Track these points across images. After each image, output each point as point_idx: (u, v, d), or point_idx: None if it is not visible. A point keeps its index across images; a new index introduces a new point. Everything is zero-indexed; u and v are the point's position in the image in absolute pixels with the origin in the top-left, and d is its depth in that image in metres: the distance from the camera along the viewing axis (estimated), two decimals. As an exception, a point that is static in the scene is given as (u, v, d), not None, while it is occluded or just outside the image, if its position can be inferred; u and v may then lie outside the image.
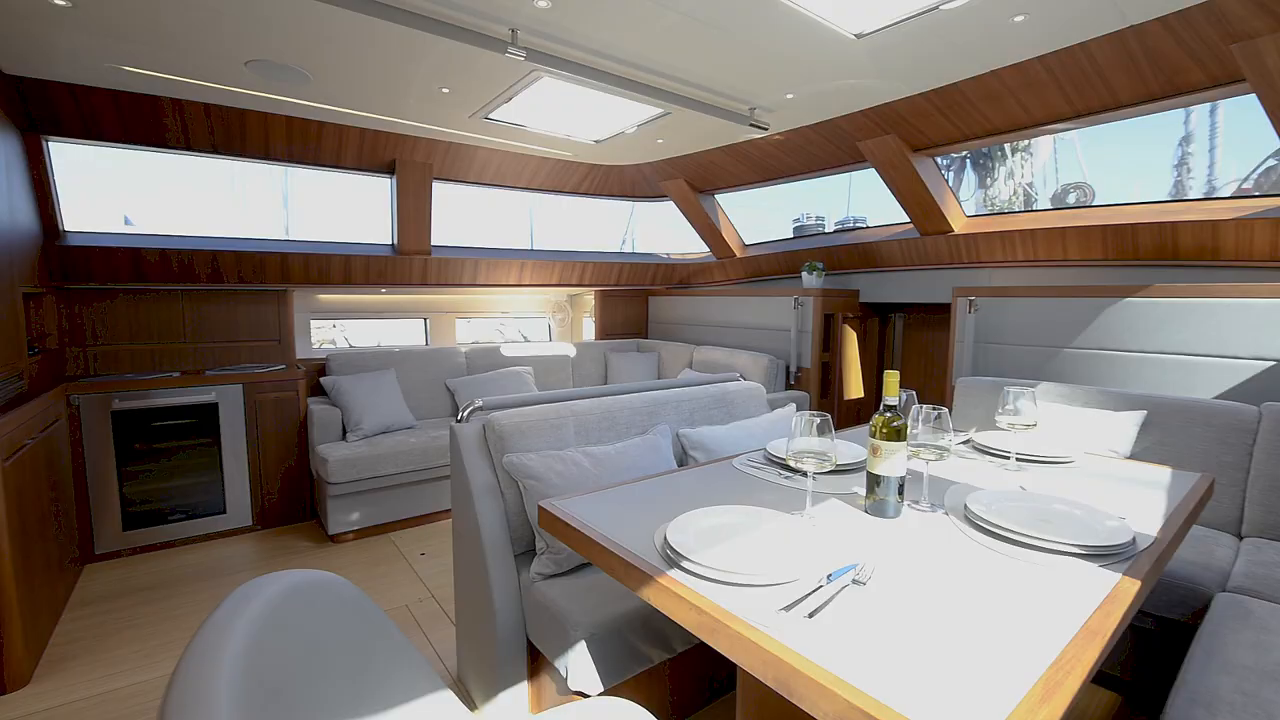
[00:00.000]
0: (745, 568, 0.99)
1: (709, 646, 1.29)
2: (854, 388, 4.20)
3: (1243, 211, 2.57)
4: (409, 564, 2.98)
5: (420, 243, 3.88)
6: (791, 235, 4.78)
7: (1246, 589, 1.71)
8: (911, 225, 3.68)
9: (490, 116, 3.08)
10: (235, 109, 2.96)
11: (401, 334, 4.94)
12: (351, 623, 1.00)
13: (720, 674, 1.92)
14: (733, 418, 2.37)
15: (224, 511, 3.29)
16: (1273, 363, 2.32)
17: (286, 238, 3.71)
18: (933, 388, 4.12)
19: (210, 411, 3.23)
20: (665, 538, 1.11)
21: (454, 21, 2.08)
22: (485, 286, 4.37)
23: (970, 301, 3.16)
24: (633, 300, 5.38)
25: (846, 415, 4.16)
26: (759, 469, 1.64)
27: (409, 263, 3.91)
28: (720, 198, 4.51)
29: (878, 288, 4.12)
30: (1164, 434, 2.29)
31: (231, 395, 3.28)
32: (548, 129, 3.31)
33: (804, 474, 1.32)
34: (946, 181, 3.57)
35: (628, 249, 5.39)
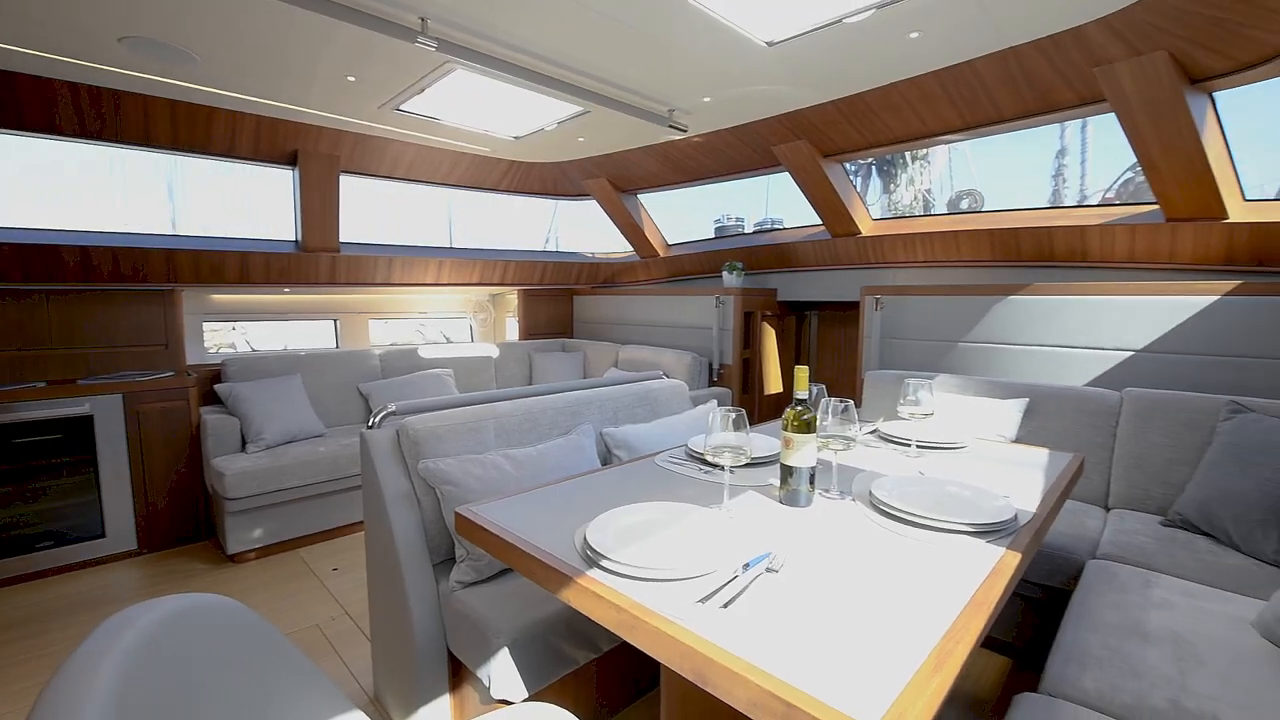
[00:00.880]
0: (663, 563, 1.00)
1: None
2: (774, 383, 4.36)
3: (1106, 218, 2.88)
4: (320, 581, 2.81)
5: (327, 239, 3.66)
6: (713, 235, 4.90)
7: (1112, 555, 1.91)
8: (823, 227, 3.86)
9: (401, 108, 2.95)
10: (109, 89, 2.67)
11: (311, 336, 4.65)
12: (245, 649, 0.93)
13: (646, 671, 1.93)
14: (656, 415, 2.39)
15: (103, 535, 2.97)
16: (1132, 353, 2.60)
17: (174, 232, 3.40)
18: (845, 381, 4.33)
19: (84, 425, 2.91)
20: (585, 538, 1.10)
21: (359, 7, 1.97)
22: (400, 286, 4.19)
23: (876, 300, 3.35)
24: (557, 300, 5.32)
25: (767, 409, 4.30)
26: (680, 465, 1.67)
27: (314, 260, 3.68)
28: (643, 197, 4.55)
29: (794, 287, 4.28)
30: (1043, 419, 2.53)
31: (109, 406, 2.96)
32: (464, 123, 3.22)
33: (722, 468, 1.35)
34: (854, 186, 3.76)
35: (551, 248, 5.34)
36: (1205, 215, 2.52)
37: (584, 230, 5.63)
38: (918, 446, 1.87)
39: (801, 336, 4.66)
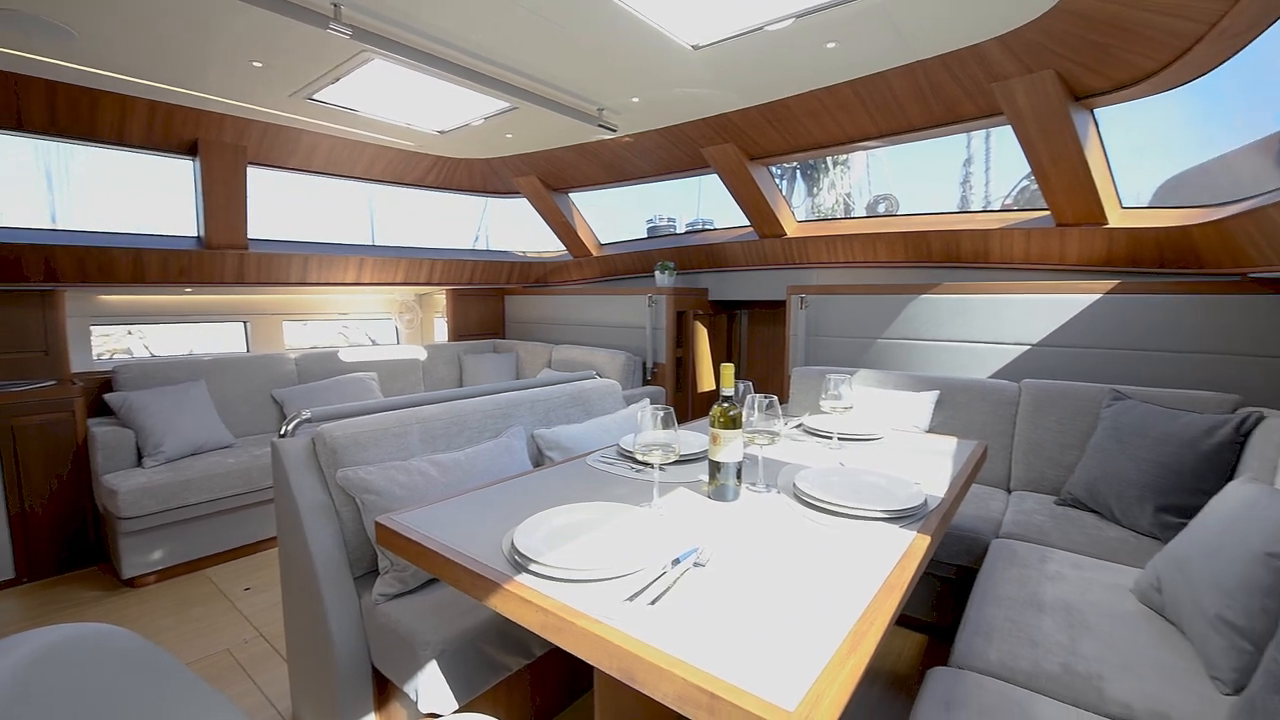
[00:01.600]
0: (592, 563, 0.99)
1: (564, 646, 1.28)
2: (707, 381, 4.44)
3: (1005, 223, 3.11)
4: (231, 603, 2.62)
5: (234, 236, 3.42)
6: (646, 235, 4.93)
7: (1013, 534, 2.07)
8: (752, 228, 3.96)
9: (315, 98, 2.80)
10: (-33, 66, 2.39)
11: (220, 340, 4.33)
12: (134, 683, 0.85)
13: (581, 673, 1.92)
14: (589, 415, 2.38)
15: (-30, 565, 2.65)
16: (1029, 347, 2.83)
17: (54, 227, 3.07)
18: (775, 378, 4.47)
19: (-57, 442, 2.58)
20: (512, 542, 1.08)
21: (263, -13, 1.85)
22: (317, 285, 3.97)
23: (801, 299, 3.48)
24: (488, 299, 5.20)
25: (700, 407, 4.38)
26: (611, 464, 1.67)
27: (220, 258, 3.43)
28: (575, 196, 4.52)
29: (725, 286, 4.38)
30: (953, 409, 2.70)
31: (-25, 421, 2.64)
32: (385, 115, 3.09)
33: (652, 466, 1.36)
34: (780, 189, 3.89)
35: (481, 246, 5.21)
36: (1089, 221, 2.77)
37: (515, 229, 5.53)
38: (839, 439, 1.95)
39: (733, 335, 4.77)
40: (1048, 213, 2.91)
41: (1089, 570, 1.71)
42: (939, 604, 2.21)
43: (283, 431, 1.77)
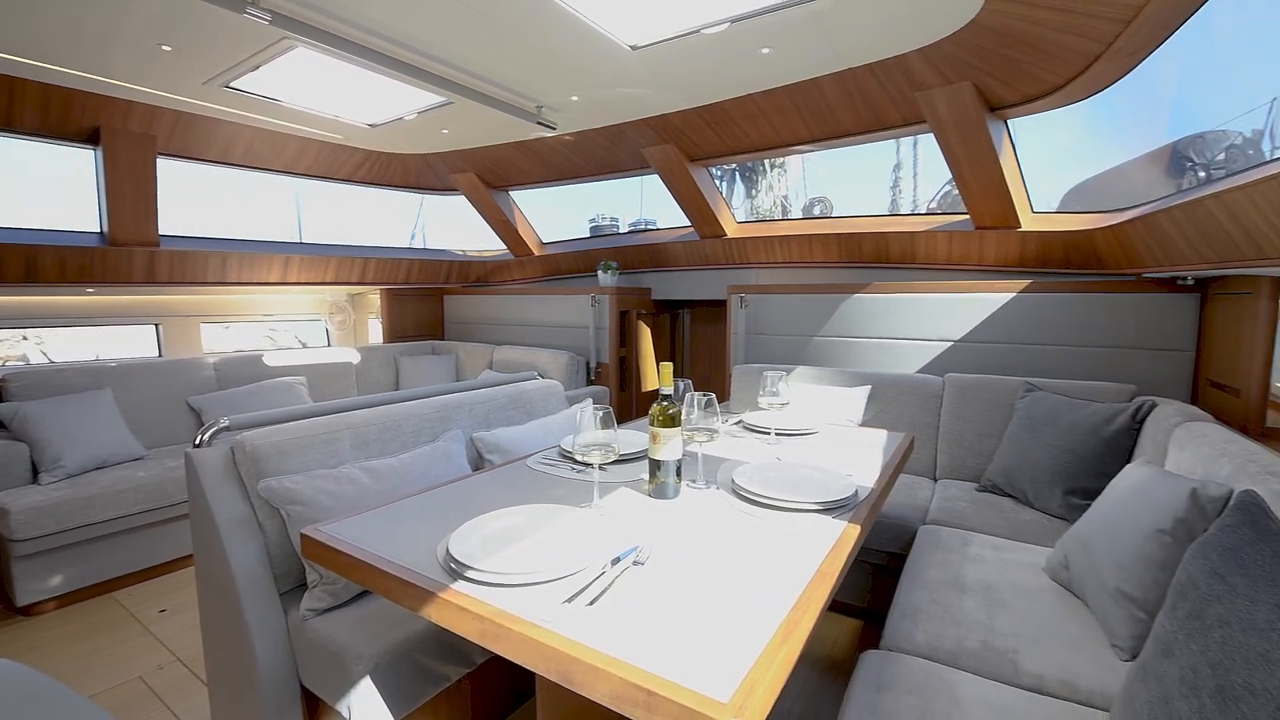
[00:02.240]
0: (530, 567, 0.98)
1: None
2: (651, 380, 4.46)
3: (930, 225, 3.27)
4: (144, 626, 2.43)
5: (142, 232, 3.17)
6: (589, 235, 4.91)
7: (939, 520, 2.18)
8: (693, 229, 4.01)
9: (233, 85, 2.64)
10: None
11: (132, 344, 4.01)
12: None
13: (525, 679, 1.89)
14: (531, 417, 2.35)
15: None
16: (952, 342, 2.99)
17: (-75, 221, 2.78)
18: (717, 376, 4.54)
19: None
20: (447, 549, 1.05)
21: (170, -34, 1.73)
22: (238, 285, 3.74)
23: (741, 298, 3.55)
24: (426, 299, 5.05)
25: (644, 406, 4.40)
26: (552, 465, 1.65)
27: (127, 256, 3.18)
28: (515, 194, 4.45)
29: (667, 286, 4.41)
30: (884, 403, 2.82)
31: None
32: (310, 106, 2.94)
33: (592, 466, 1.35)
34: (720, 191, 3.95)
35: (418, 245, 5.05)
36: (1004, 225, 2.95)
37: (454, 227, 5.39)
38: (776, 434, 2.00)
39: (676, 334, 4.81)
40: (967, 217, 3.08)
41: (1006, 552, 1.82)
42: (873, 590, 2.30)
43: (197, 441, 1.66)
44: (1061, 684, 1.24)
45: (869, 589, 2.31)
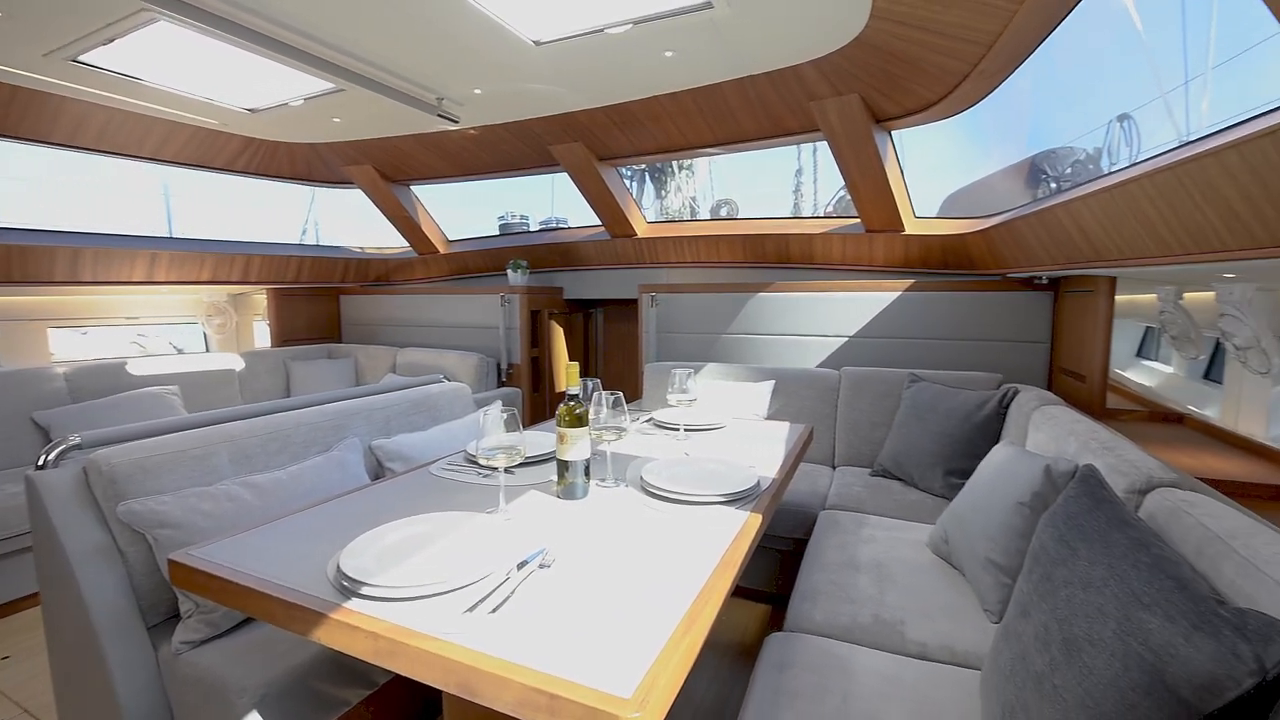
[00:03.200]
0: (430, 578, 0.94)
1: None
2: (565, 380, 4.43)
3: (826, 228, 3.46)
4: (-23, 677, 2.11)
5: (-31, 223, 2.75)
6: (498, 233, 4.79)
7: (837, 505, 2.31)
8: (603, 228, 4.01)
9: (82, 60, 2.34)
10: None
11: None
12: None
13: (432, 695, 1.81)
14: (436, 422, 2.25)
15: None
16: (847, 338, 3.18)
17: None
18: (630, 374, 4.58)
19: None
20: (338, 566, 0.99)
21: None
22: (94, 285, 3.32)
23: (652, 297, 3.60)
24: (320, 300, 4.71)
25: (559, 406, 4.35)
26: (458, 471, 1.59)
27: (-52, 251, 2.75)
28: (417, 189, 4.26)
29: (579, 285, 4.39)
30: (787, 397, 2.96)
31: None
32: (178, 87, 2.67)
33: (497, 470, 1.32)
34: (630, 191, 3.98)
35: (310, 241, 4.72)
36: (890, 228, 3.18)
37: (351, 222, 5.08)
38: (685, 430, 2.05)
39: (589, 333, 4.80)
40: (859, 220, 3.29)
41: (896, 531, 1.97)
42: (780, 575, 2.41)
43: (40, 462, 1.46)
44: (942, 648, 1.36)
45: (777, 574, 2.42)
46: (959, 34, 1.99)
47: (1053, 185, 3.87)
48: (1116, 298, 2.32)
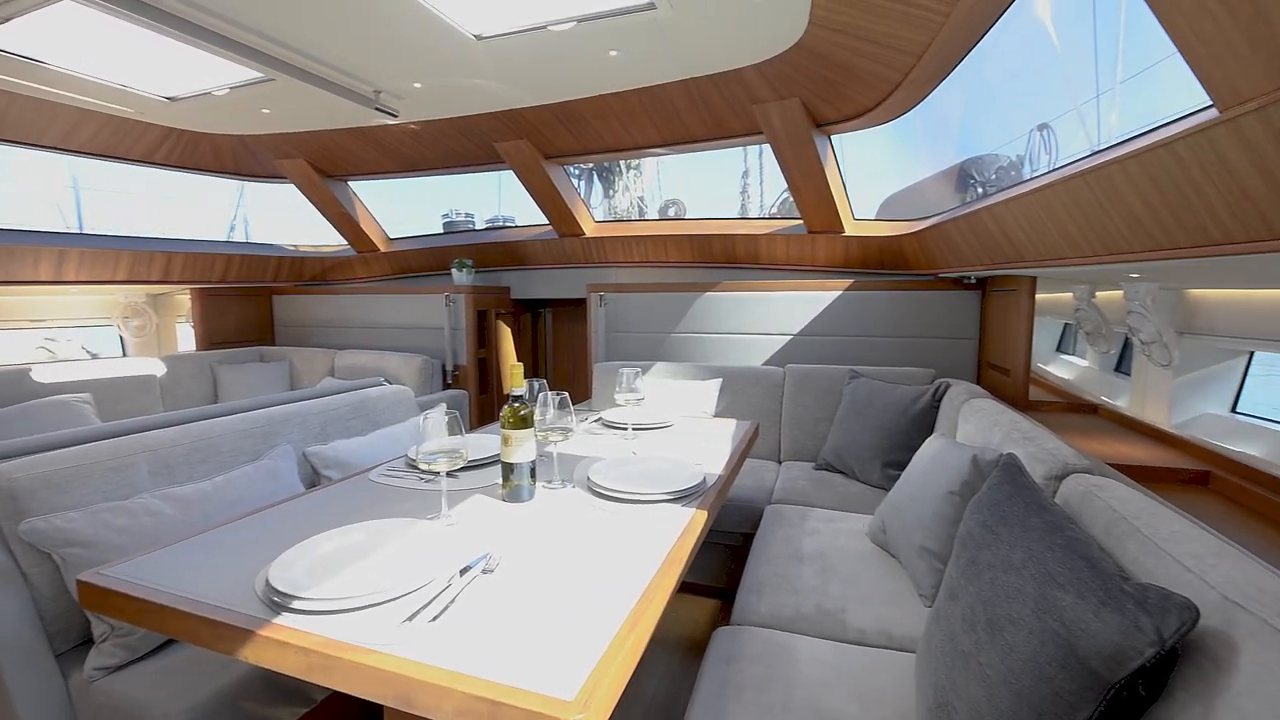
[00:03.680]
0: (366, 589, 0.91)
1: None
2: (520, 381, 4.36)
3: (770, 229, 3.54)
4: None
5: None
6: (442, 231, 4.67)
7: (782, 499, 2.37)
8: (551, 227, 3.98)
9: (-29, 39, 2.14)
10: None
11: None
12: None
13: (374, 709, 1.75)
14: (376, 426, 2.18)
15: None
16: (791, 336, 3.26)
17: None
18: (580, 375, 4.55)
19: None
20: (266, 580, 0.94)
21: None
22: (-9, 285, 3.06)
23: (600, 296, 3.59)
24: (250, 301, 4.47)
25: (507, 408, 4.28)
26: (399, 477, 1.54)
27: None
28: (355, 185, 4.10)
29: (527, 285, 4.33)
30: (734, 395, 3.01)
31: None
32: (87, 71, 2.48)
33: (439, 475, 1.29)
34: (578, 190, 3.96)
35: (239, 238, 4.47)
36: (831, 229, 3.28)
37: (284, 219, 4.85)
38: (633, 429, 2.05)
39: (538, 333, 4.75)
40: (801, 222, 3.38)
41: (838, 522, 2.03)
42: (730, 570, 2.45)
43: (-76, 479, 1.32)
44: (880, 634, 1.41)
45: (726, 569, 2.45)
46: (891, 43, 2.08)
47: (980, 190, 4.08)
48: (1037, 296, 2.47)
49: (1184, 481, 1.75)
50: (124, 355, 4.23)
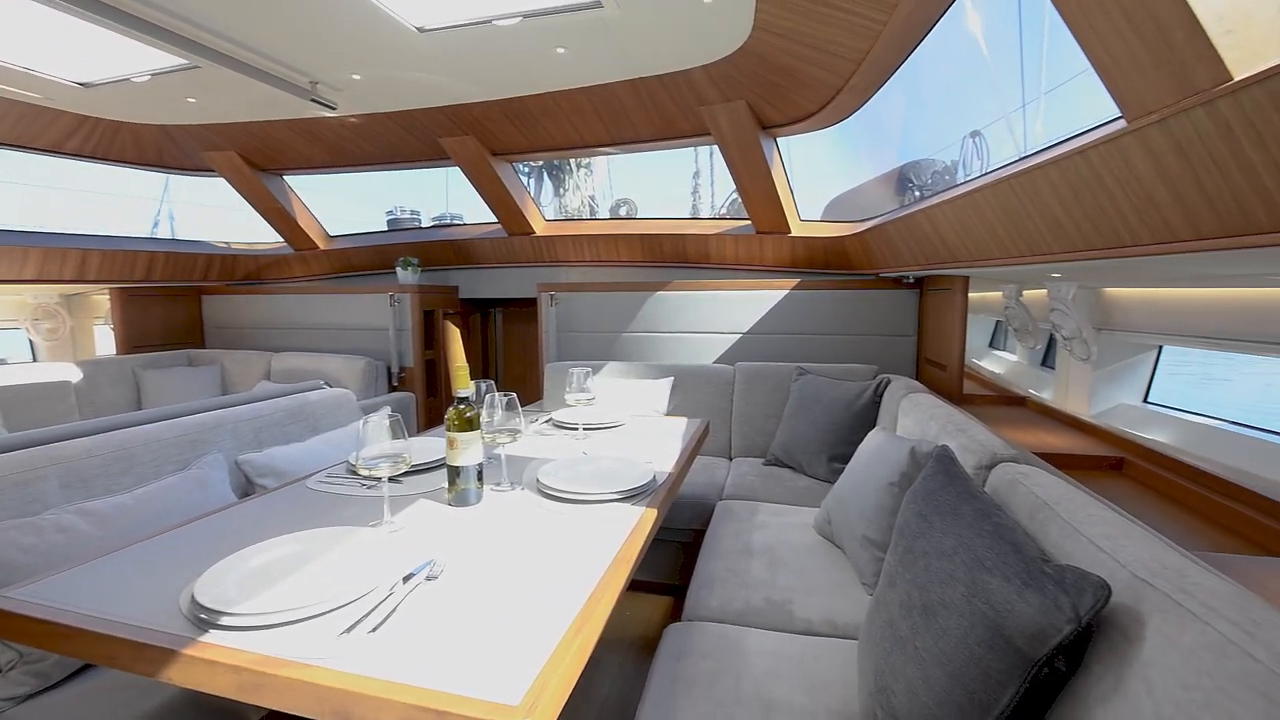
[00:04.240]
0: (301, 601, 0.87)
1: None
2: (464, 383, 4.27)
3: (720, 229, 3.59)
4: None
5: None
6: (386, 228, 4.53)
7: (733, 495, 2.41)
8: (500, 225, 3.91)
9: None
10: None
11: None
12: None
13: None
14: (316, 432, 2.09)
15: None
16: (741, 334, 3.32)
17: None
18: (531, 375, 4.50)
19: None
20: (192, 596, 0.89)
21: None
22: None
23: (551, 296, 3.56)
24: (178, 301, 4.21)
25: (456, 410, 4.19)
26: (339, 483, 1.49)
27: None
28: (292, 179, 3.93)
29: (476, 284, 4.25)
30: (685, 393, 3.04)
31: None
32: (-16, 54, 2.28)
33: (380, 481, 1.25)
34: (527, 188, 3.91)
35: (164, 234, 4.21)
36: (778, 230, 3.36)
37: (215, 214, 4.58)
38: (584, 429, 2.04)
39: (488, 334, 4.67)
40: (749, 222, 3.45)
41: (786, 516, 2.08)
42: (683, 567, 2.47)
43: None
44: (825, 623, 1.45)
45: (678, 566, 2.47)
46: (832, 49, 2.14)
47: (917, 193, 4.25)
48: (970, 295, 2.60)
49: (1101, 468, 1.88)
50: (34, 360, 3.92)
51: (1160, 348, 2.21)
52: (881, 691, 0.96)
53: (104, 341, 4.14)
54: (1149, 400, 2.29)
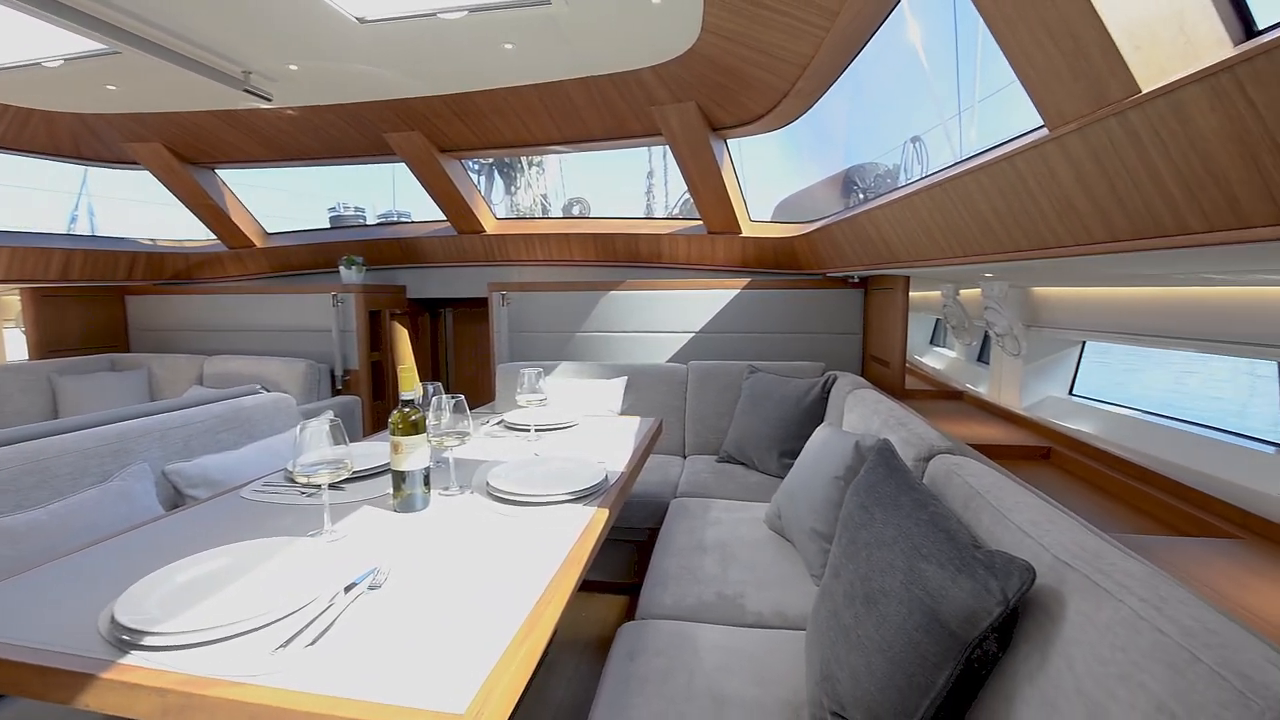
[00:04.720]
0: (233, 617, 0.83)
1: None
2: (411, 385, 4.15)
3: (672, 229, 3.61)
4: None
5: None
6: (328, 225, 4.36)
7: (687, 492, 2.43)
8: (449, 223, 3.83)
9: None
10: None
11: None
12: None
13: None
14: (252, 439, 2.00)
15: None
16: (693, 333, 3.35)
17: None
18: (483, 376, 4.42)
19: None
20: (111, 616, 0.83)
21: None
22: None
23: (503, 296, 3.51)
24: (98, 301, 3.94)
25: (405, 413, 4.07)
26: (277, 492, 1.42)
27: None
28: (224, 173, 3.73)
29: (424, 284, 4.14)
30: (639, 392, 3.05)
31: None
32: None
33: (319, 488, 1.20)
34: (477, 186, 3.83)
35: (82, 230, 3.93)
36: (729, 230, 3.40)
37: (140, 209, 4.32)
38: (536, 430, 2.02)
39: (438, 334, 4.56)
40: (701, 222, 3.48)
41: (738, 511, 2.11)
42: (637, 565, 2.47)
43: None
44: (776, 615, 1.48)
45: (633, 565, 2.48)
46: (779, 54, 2.18)
47: (861, 196, 4.40)
48: (911, 294, 2.70)
49: (1031, 457, 1.98)
50: (-69, 367, 3.60)
51: (1084, 343, 2.35)
52: (827, 680, 0.98)
53: (15, 345, 3.84)
54: (1074, 392, 2.43)
